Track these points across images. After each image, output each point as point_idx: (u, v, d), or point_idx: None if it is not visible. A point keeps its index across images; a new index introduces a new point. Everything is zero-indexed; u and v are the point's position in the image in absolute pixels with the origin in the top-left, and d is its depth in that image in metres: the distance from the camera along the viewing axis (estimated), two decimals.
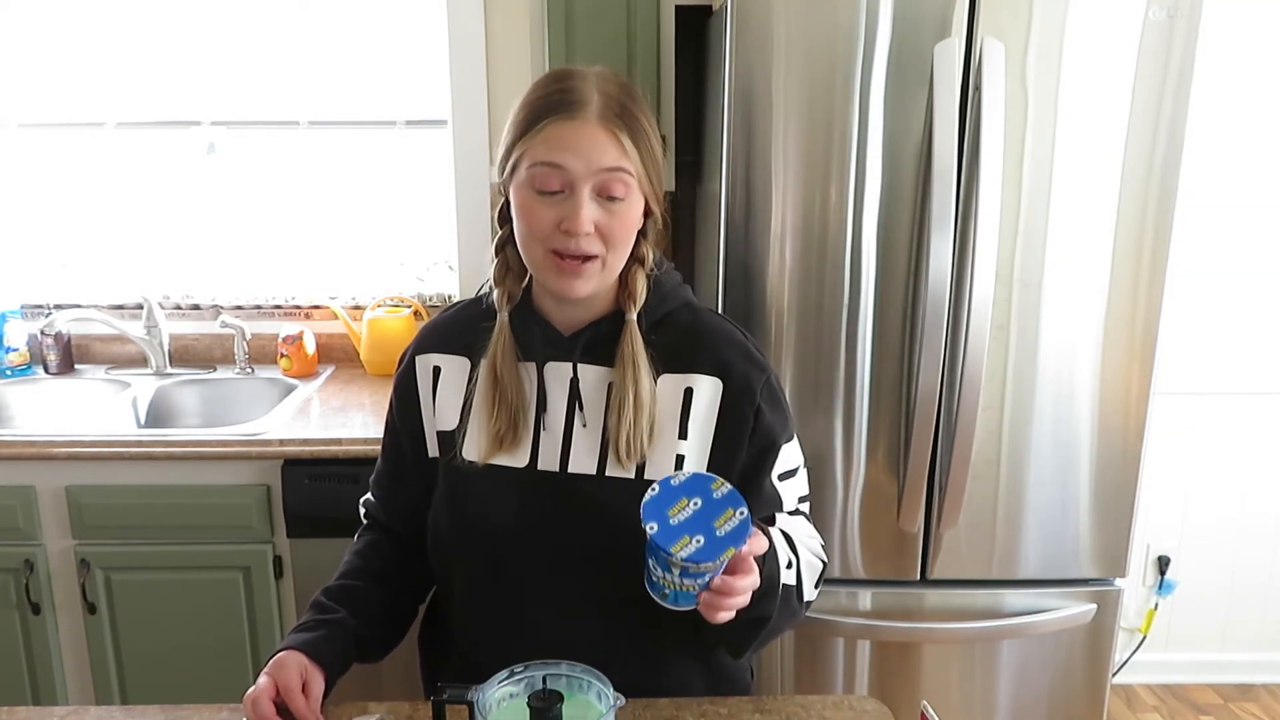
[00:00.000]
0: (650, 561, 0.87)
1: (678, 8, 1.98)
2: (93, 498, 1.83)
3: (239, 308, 2.42)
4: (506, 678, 0.88)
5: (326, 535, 1.85)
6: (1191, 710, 2.51)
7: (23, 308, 2.38)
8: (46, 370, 2.31)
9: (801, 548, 1.03)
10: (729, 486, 0.87)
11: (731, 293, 1.68)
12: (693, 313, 1.07)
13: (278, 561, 1.87)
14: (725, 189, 1.65)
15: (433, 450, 1.07)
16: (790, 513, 1.07)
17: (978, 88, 1.55)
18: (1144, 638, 2.57)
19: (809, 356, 1.67)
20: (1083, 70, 1.56)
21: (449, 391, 1.05)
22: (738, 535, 0.84)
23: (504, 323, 1.02)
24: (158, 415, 2.23)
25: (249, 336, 2.33)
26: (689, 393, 1.01)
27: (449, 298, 2.44)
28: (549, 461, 1.02)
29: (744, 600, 0.86)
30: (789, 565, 0.98)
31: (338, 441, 1.83)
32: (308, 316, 2.43)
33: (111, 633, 1.90)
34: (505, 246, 1.03)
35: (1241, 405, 2.45)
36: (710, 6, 1.95)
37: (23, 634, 1.90)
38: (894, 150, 1.59)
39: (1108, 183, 1.61)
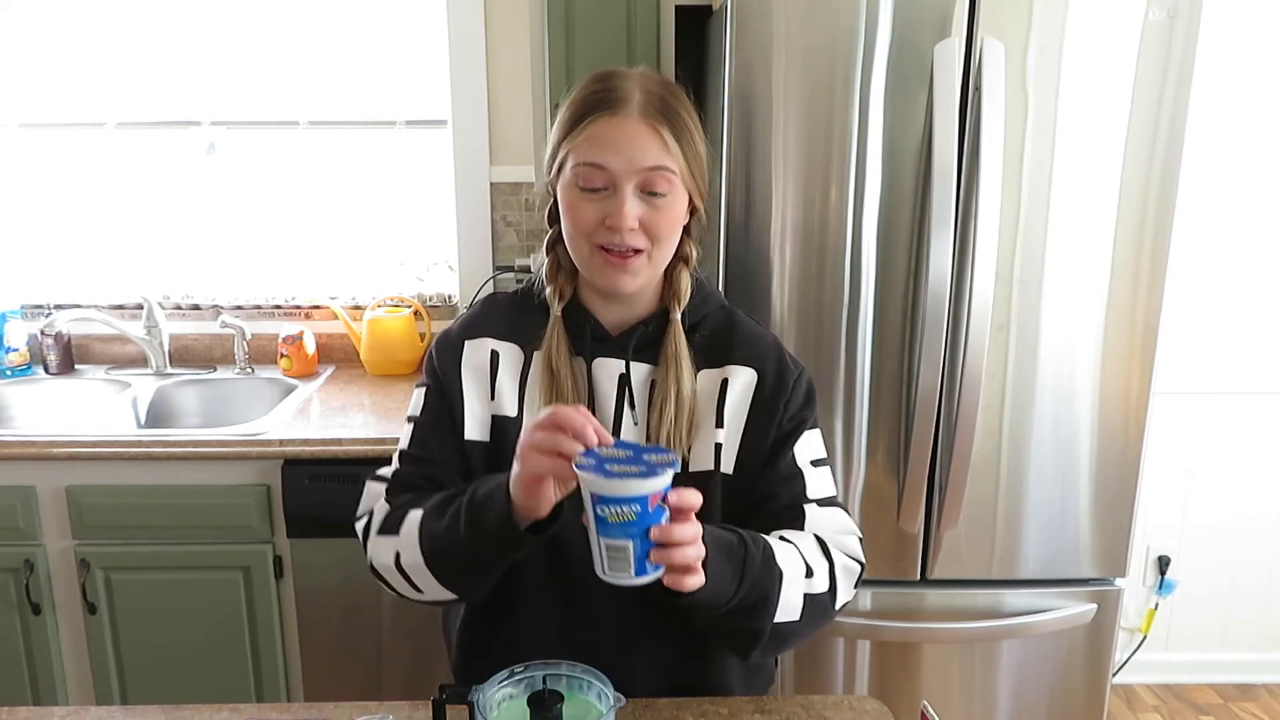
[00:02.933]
0: (594, 536, 0.83)
1: (678, 8, 1.98)
2: (93, 498, 1.83)
3: (239, 308, 2.42)
4: (506, 678, 0.88)
5: (326, 535, 1.85)
6: (1191, 710, 2.51)
7: (23, 308, 2.38)
8: (46, 370, 2.31)
9: (835, 552, 1.01)
10: (661, 450, 0.86)
11: (731, 293, 1.68)
12: (728, 314, 1.10)
13: (278, 561, 1.87)
14: (725, 189, 1.64)
15: (480, 434, 1.04)
16: (820, 501, 1.05)
17: (978, 88, 1.55)
18: (1144, 638, 2.57)
19: (809, 356, 1.67)
20: (1083, 70, 1.56)
21: (507, 378, 1.05)
22: (652, 468, 0.80)
23: (558, 318, 1.04)
24: (158, 415, 2.23)
25: (249, 336, 2.33)
26: (725, 383, 1.04)
27: (449, 298, 2.44)
28: None
29: (695, 551, 0.82)
30: (809, 574, 0.97)
31: (338, 441, 1.83)
32: (308, 316, 2.42)
33: (111, 633, 1.90)
34: (556, 245, 1.06)
35: (1241, 405, 2.45)
36: (710, 6, 1.95)
37: (23, 634, 1.89)
38: (894, 150, 1.59)
39: (1108, 183, 1.61)
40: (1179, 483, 2.50)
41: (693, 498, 0.82)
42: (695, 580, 0.83)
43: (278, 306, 2.43)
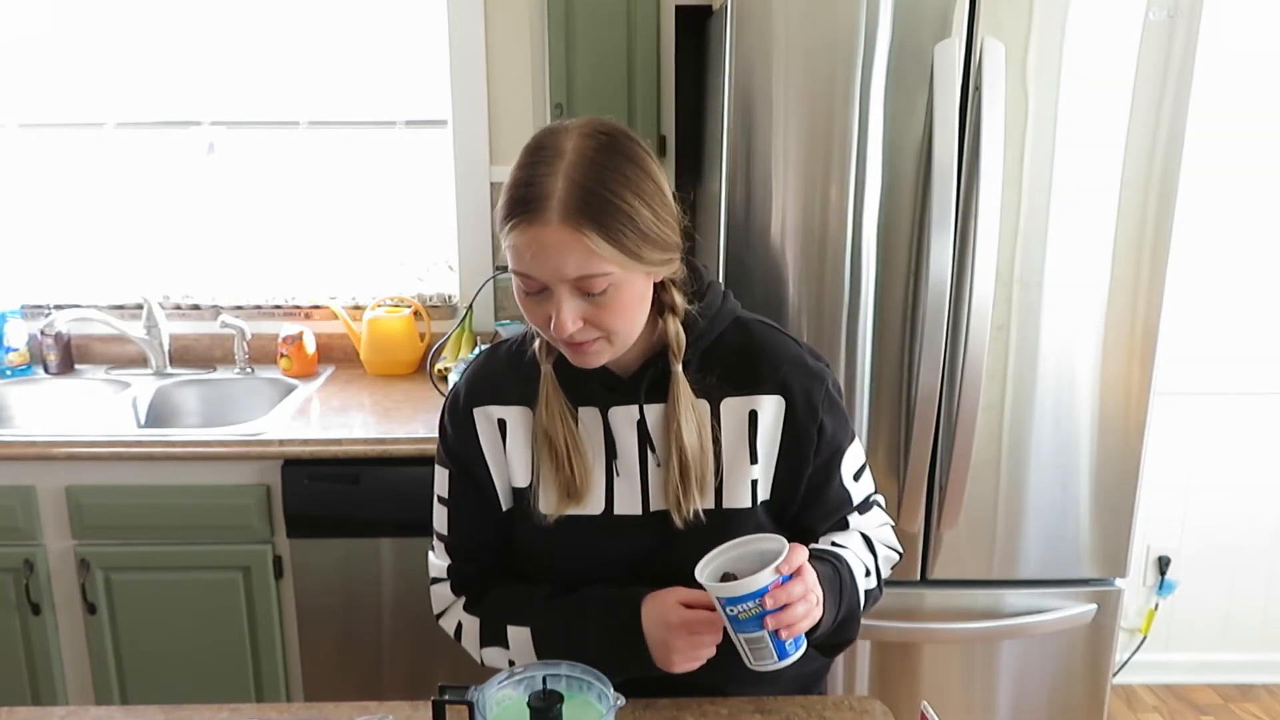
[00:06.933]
0: (734, 635, 0.89)
1: (678, 8, 1.98)
2: (93, 498, 1.83)
3: (239, 308, 2.42)
4: (506, 678, 0.88)
5: (326, 535, 1.85)
6: (1191, 710, 2.51)
7: (23, 308, 2.38)
8: (46, 370, 2.31)
9: (879, 545, 1.09)
10: (758, 536, 0.93)
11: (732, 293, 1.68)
12: (743, 328, 1.05)
13: (277, 561, 1.87)
14: (725, 189, 1.64)
15: (508, 503, 1.06)
16: (861, 506, 1.08)
17: (978, 88, 1.55)
18: (1144, 638, 2.57)
19: None
20: (1083, 70, 1.56)
21: (517, 445, 1.03)
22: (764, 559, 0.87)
23: (548, 374, 1.01)
24: (158, 415, 2.23)
25: (249, 336, 2.33)
26: (754, 415, 1.01)
27: (449, 298, 2.44)
28: (628, 505, 1.02)
29: (808, 607, 0.87)
30: (867, 573, 1.04)
31: (338, 442, 1.83)
32: (308, 316, 2.42)
33: (111, 633, 1.90)
34: None
35: (1241, 405, 2.45)
36: (710, 6, 1.95)
37: (23, 634, 1.89)
38: (894, 150, 1.59)
39: (1108, 183, 1.61)
40: (1179, 483, 2.49)
41: (799, 556, 0.87)
42: (808, 623, 0.88)
43: (277, 306, 2.43)
